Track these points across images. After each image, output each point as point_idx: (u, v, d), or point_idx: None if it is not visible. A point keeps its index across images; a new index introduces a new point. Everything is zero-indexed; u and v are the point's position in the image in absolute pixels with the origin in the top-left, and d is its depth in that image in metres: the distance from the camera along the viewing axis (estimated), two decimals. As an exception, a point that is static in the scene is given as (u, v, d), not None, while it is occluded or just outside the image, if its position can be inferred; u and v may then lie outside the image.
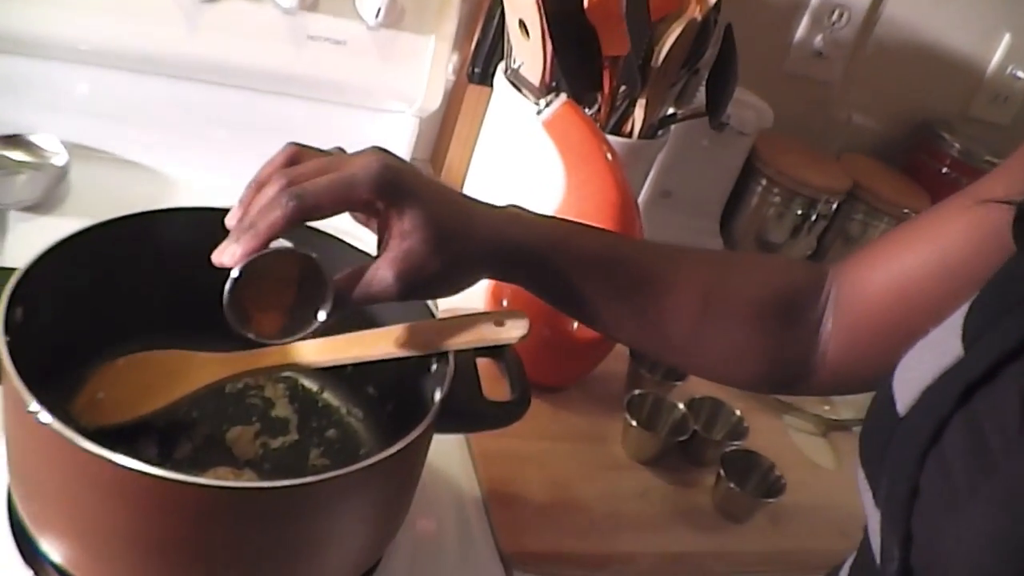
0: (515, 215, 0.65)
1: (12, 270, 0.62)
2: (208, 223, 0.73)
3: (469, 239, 0.61)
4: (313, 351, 0.69)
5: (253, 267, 0.55)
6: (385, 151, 0.59)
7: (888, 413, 0.51)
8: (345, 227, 0.67)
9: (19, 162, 1.01)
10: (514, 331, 0.66)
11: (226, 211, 0.69)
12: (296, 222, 0.55)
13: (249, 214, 0.56)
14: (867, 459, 0.52)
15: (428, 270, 0.59)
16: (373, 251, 0.61)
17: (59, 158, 1.02)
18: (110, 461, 0.51)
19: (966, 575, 0.42)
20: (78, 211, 0.99)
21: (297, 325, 0.59)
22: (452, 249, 0.60)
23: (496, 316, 0.67)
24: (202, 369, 0.69)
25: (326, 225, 0.62)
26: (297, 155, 0.60)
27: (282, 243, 0.56)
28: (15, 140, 1.02)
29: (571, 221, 0.68)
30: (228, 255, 0.55)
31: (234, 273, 0.55)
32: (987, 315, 0.50)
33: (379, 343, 0.68)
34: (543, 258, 0.64)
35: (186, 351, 0.70)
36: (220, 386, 0.76)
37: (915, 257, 0.67)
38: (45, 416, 0.52)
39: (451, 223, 0.60)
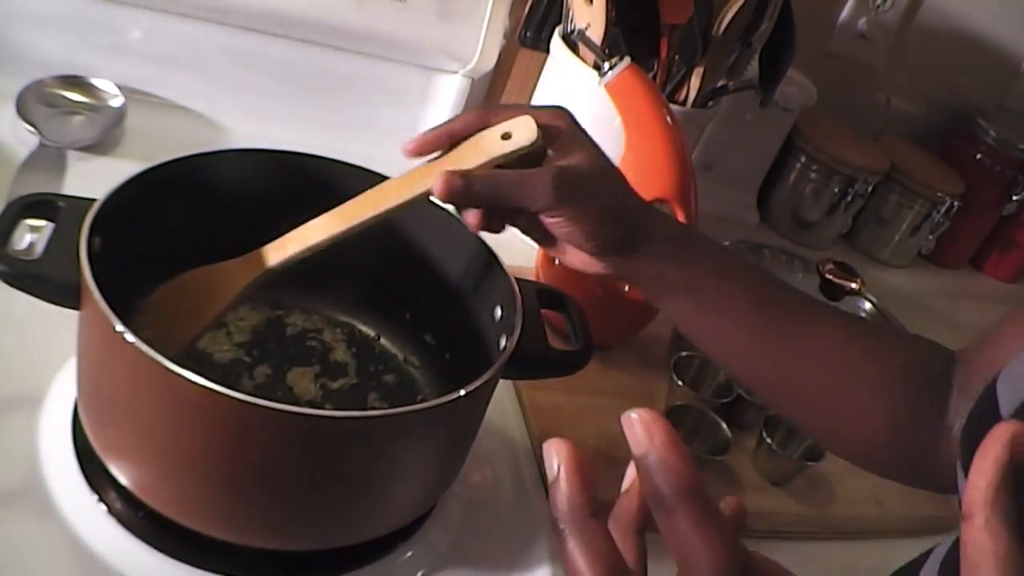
0: (687, 239, 0.69)
1: (91, 200, 0.63)
2: (284, 167, 0.75)
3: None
4: (329, 223, 0.66)
5: None
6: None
7: (992, 414, 0.52)
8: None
9: (77, 103, 1.02)
10: (522, 138, 0.63)
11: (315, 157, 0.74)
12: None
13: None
14: (967, 456, 0.52)
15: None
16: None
17: (116, 101, 1.03)
18: (195, 383, 0.52)
19: None
20: (134, 153, 1.00)
21: None
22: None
23: (501, 130, 0.64)
24: (232, 275, 0.68)
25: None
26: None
27: None
28: (74, 81, 1.03)
29: (729, 253, 0.71)
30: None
31: None
32: None
33: (393, 193, 0.65)
34: (700, 290, 0.67)
35: (209, 265, 0.68)
36: (281, 329, 0.78)
37: None
38: (131, 336, 0.53)
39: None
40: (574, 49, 1.02)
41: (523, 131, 0.63)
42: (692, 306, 0.69)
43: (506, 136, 0.63)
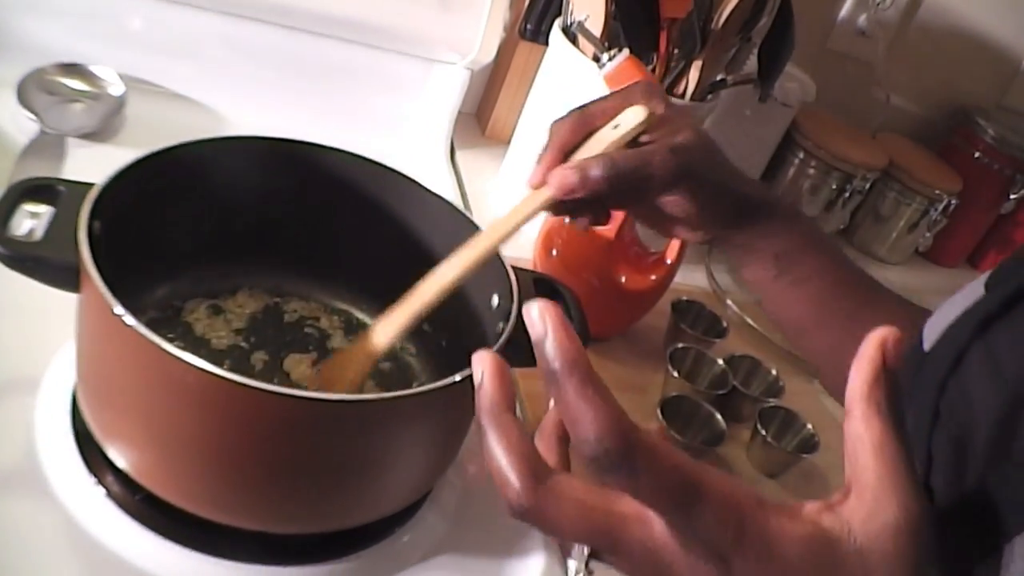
0: (777, 209, 0.70)
1: (91, 185, 0.63)
2: (283, 155, 0.75)
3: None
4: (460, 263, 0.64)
5: None
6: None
7: (916, 352, 0.55)
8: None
9: (77, 91, 1.02)
10: (632, 121, 0.63)
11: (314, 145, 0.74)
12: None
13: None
14: None
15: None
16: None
17: (116, 89, 1.03)
18: (194, 366, 0.52)
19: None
20: (134, 142, 1.00)
21: None
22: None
23: (610, 125, 0.64)
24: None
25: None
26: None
27: None
28: (74, 69, 1.03)
29: (814, 228, 0.74)
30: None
31: None
32: (1012, 267, 0.55)
33: (510, 220, 0.64)
34: (781, 259, 0.70)
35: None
36: (279, 316, 0.79)
37: None
38: (130, 319, 0.53)
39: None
40: (573, 41, 1.02)
41: (631, 115, 0.63)
42: (772, 274, 0.70)
43: (615, 126, 0.63)
